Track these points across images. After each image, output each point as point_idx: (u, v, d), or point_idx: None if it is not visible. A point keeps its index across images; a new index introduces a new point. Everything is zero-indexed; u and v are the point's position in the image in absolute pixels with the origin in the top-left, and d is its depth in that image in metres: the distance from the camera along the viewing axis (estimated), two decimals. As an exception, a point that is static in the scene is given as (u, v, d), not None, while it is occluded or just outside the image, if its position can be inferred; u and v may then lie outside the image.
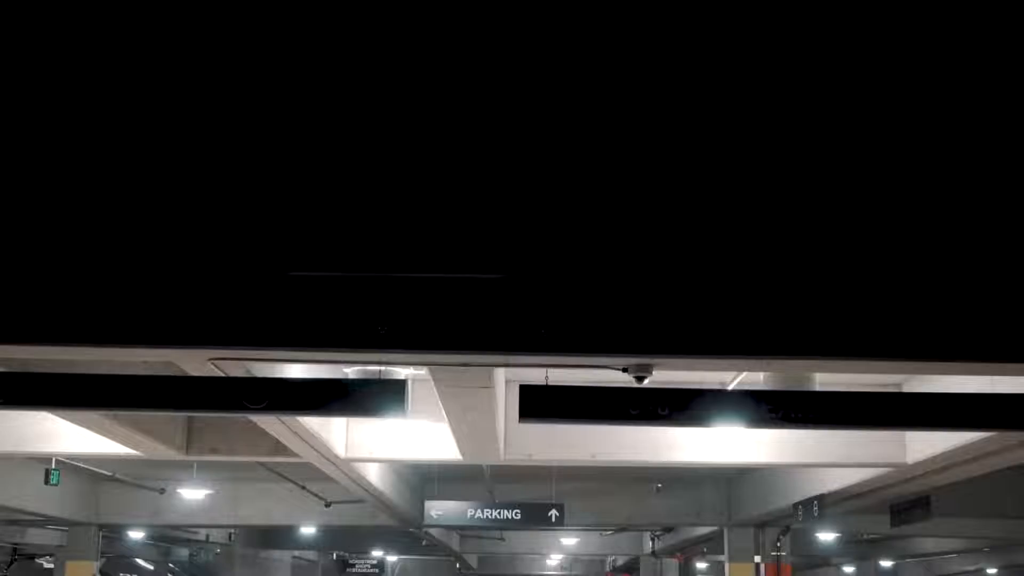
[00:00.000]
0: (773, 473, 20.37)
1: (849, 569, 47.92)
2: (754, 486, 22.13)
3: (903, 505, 18.71)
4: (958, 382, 9.41)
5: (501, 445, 13.21)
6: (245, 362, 8.44)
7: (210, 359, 8.32)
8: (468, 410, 10.88)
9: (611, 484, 24.15)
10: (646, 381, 8.29)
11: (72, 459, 17.22)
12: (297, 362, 8.84)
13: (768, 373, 9.20)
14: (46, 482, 17.25)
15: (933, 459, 13.13)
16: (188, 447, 13.79)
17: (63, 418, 12.01)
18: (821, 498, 17.15)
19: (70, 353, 8.31)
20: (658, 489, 24.27)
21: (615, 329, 7.93)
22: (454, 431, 12.05)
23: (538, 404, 8.07)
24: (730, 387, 10.36)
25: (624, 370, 8.33)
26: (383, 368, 8.35)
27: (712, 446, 13.81)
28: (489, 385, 9.74)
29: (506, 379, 12.32)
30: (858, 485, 16.22)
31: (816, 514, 17.31)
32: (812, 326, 7.76)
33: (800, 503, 18.14)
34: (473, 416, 11.17)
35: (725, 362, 8.15)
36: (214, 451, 13.94)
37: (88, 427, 12.29)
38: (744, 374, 10.19)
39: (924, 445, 13.10)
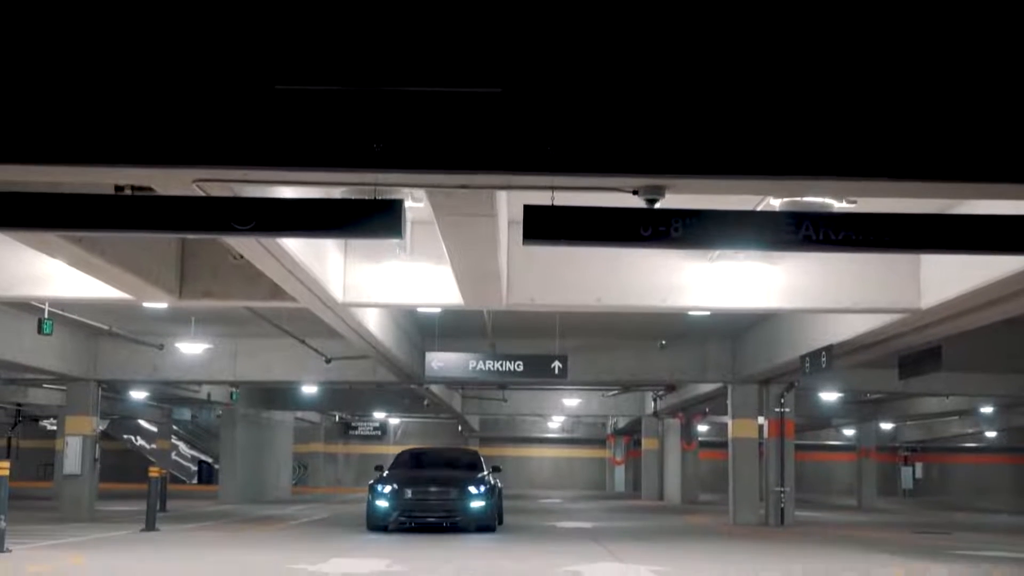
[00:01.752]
0: (779, 326, 20.06)
1: (849, 431, 48.25)
2: (759, 341, 21.86)
3: (912, 357, 18.40)
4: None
5: (503, 288, 12.80)
6: (232, 184, 7.94)
7: (195, 180, 7.85)
8: (469, 245, 10.43)
9: (615, 340, 23.93)
10: (657, 205, 7.84)
11: (64, 304, 16.83)
12: (287, 183, 8.36)
13: (788, 200, 8.70)
14: (39, 331, 16.93)
15: (949, 303, 12.74)
16: (181, 290, 13.40)
17: (51, 254, 11.56)
18: (829, 349, 16.82)
19: (47, 174, 7.84)
20: (662, 346, 24.06)
21: (626, 147, 7.45)
22: (455, 270, 11.61)
23: (543, 225, 7.61)
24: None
25: (635, 192, 7.86)
26: (378, 189, 7.86)
27: (720, 291, 13.43)
28: (491, 214, 9.27)
29: (509, 220, 11.87)
30: (868, 334, 15.88)
31: (824, 365, 17.00)
32: (844, 144, 7.26)
33: (808, 355, 17.83)
34: (474, 252, 10.72)
35: (747, 183, 7.62)
36: (208, 295, 13.56)
37: (78, 266, 11.88)
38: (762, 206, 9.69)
39: (940, 288, 12.71)
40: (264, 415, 37.02)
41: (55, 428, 40.12)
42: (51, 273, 13.29)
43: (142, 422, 49.11)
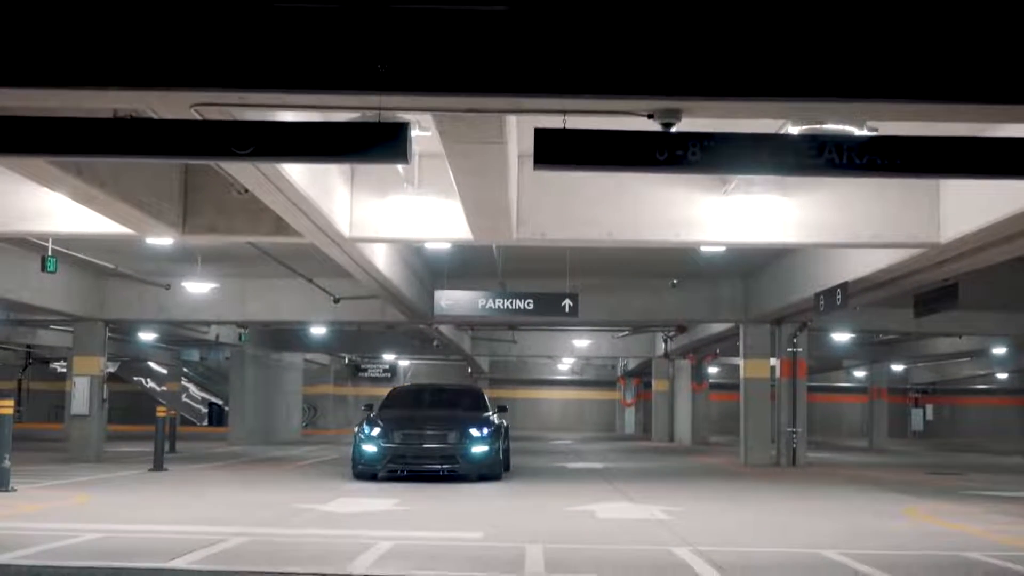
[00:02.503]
0: (793, 264, 19.77)
1: (860, 373, 48.17)
2: (772, 280, 21.58)
3: (928, 295, 18.13)
4: None
5: (513, 222, 12.52)
6: (231, 108, 7.65)
7: (193, 105, 7.56)
8: (478, 174, 10.14)
9: (626, 279, 23.68)
10: (673, 129, 7.54)
11: (67, 240, 16.58)
12: (287, 107, 8.05)
13: (807, 128, 8.37)
14: (43, 268, 16.67)
15: (969, 237, 12.43)
16: (184, 225, 13.14)
17: (51, 187, 11.31)
18: (844, 286, 16.53)
19: (42, 99, 7.56)
20: (674, 285, 23.79)
21: (641, 67, 7.14)
22: (464, 202, 11.32)
23: (555, 148, 7.31)
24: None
25: (650, 116, 7.56)
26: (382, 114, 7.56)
27: (735, 225, 13.12)
28: (500, 141, 8.97)
29: (519, 154, 11.58)
30: (884, 271, 15.56)
31: (839, 303, 16.71)
32: (866, 64, 6.94)
33: (822, 293, 17.55)
34: (484, 183, 10.43)
35: (766, 106, 7.30)
36: (212, 230, 13.29)
37: (78, 200, 11.63)
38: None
39: (960, 221, 12.40)
40: (273, 357, 36.92)
41: (65, 370, 40.10)
42: (53, 208, 13.07)
43: (152, 364, 49.14)
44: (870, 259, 15.56)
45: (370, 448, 16.46)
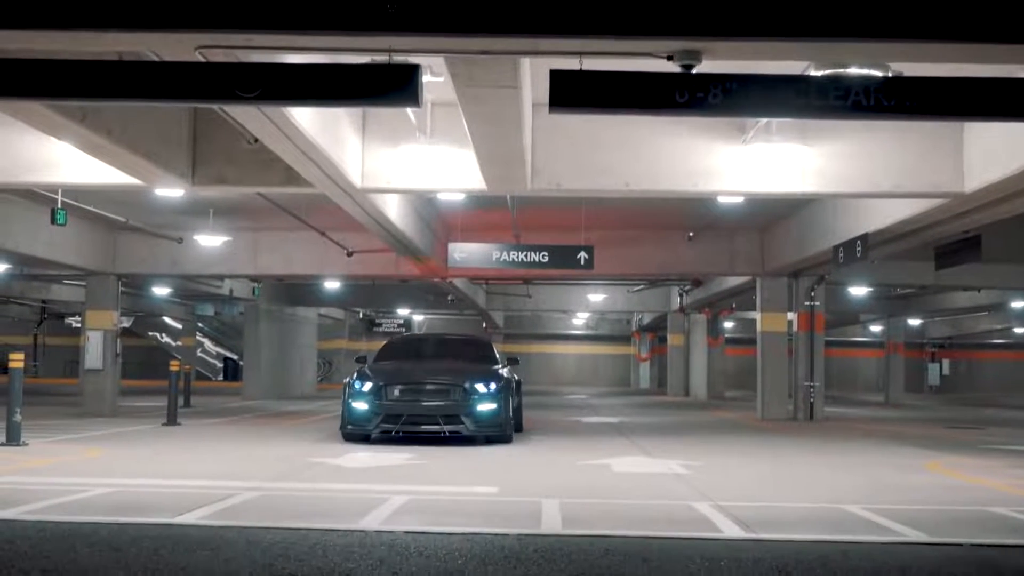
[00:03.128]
0: (812, 215, 19.50)
1: (876, 328, 47.93)
2: (790, 232, 21.31)
3: (950, 247, 17.84)
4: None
5: (528, 172, 12.27)
6: (236, 51, 7.41)
7: (197, 47, 7.33)
8: (492, 121, 9.88)
9: (642, 232, 23.44)
10: (694, 71, 7.28)
11: (76, 191, 16.39)
12: (295, 49, 7.80)
13: (832, 72, 8.09)
14: (52, 221, 16.54)
15: (994, 186, 12.14)
16: (194, 176, 12.93)
17: (57, 136, 11.12)
18: (864, 238, 16.24)
19: (45, 41, 7.32)
20: (690, 238, 23.52)
21: (661, 7, 6.87)
22: (477, 150, 11.07)
23: (572, 91, 7.07)
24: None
25: (669, 58, 7.29)
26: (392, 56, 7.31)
27: (754, 175, 12.85)
28: (514, 85, 8.71)
29: (533, 102, 11.33)
30: (906, 222, 15.29)
31: (859, 255, 16.44)
32: (898, 1, 6.67)
33: (841, 245, 17.27)
34: (497, 130, 10.18)
35: (791, 46, 7.01)
36: (222, 181, 13.09)
37: (85, 149, 11.44)
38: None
39: (985, 170, 12.11)
40: (288, 311, 36.80)
41: (80, 325, 40.09)
42: (61, 159, 12.90)
43: (167, 319, 49.17)
44: (891, 210, 15.29)
45: (361, 406, 14.55)
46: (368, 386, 14.59)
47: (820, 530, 7.39)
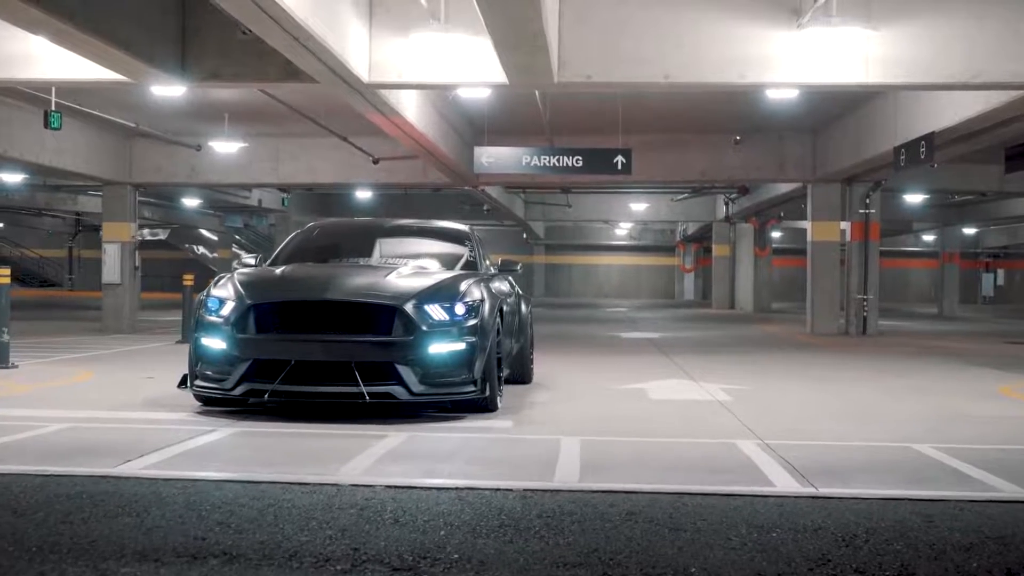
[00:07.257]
0: (870, 114, 17.98)
1: (929, 237, 46.39)
2: (845, 133, 19.79)
3: (1022, 148, 16.32)
4: None
5: (553, 61, 10.88)
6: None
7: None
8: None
9: (684, 135, 22.03)
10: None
11: (62, 87, 15.12)
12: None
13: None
14: (46, 125, 15.39)
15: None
16: (184, 70, 11.67)
17: (16, 23, 9.87)
18: (930, 137, 14.75)
19: None
20: (737, 142, 22.06)
21: None
22: (491, 31, 9.60)
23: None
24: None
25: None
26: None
27: (809, 64, 11.34)
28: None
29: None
30: (978, 118, 13.74)
31: (924, 157, 14.96)
32: None
33: (904, 145, 15.78)
34: (513, 4, 8.78)
35: None
36: (215, 76, 11.82)
37: (53, 39, 10.20)
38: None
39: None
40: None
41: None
42: (41, 53, 11.77)
43: (204, 231, 48.38)
44: (961, 105, 13.78)
45: (216, 344, 8.44)
46: (230, 308, 8.47)
47: (890, 482, 6.14)
